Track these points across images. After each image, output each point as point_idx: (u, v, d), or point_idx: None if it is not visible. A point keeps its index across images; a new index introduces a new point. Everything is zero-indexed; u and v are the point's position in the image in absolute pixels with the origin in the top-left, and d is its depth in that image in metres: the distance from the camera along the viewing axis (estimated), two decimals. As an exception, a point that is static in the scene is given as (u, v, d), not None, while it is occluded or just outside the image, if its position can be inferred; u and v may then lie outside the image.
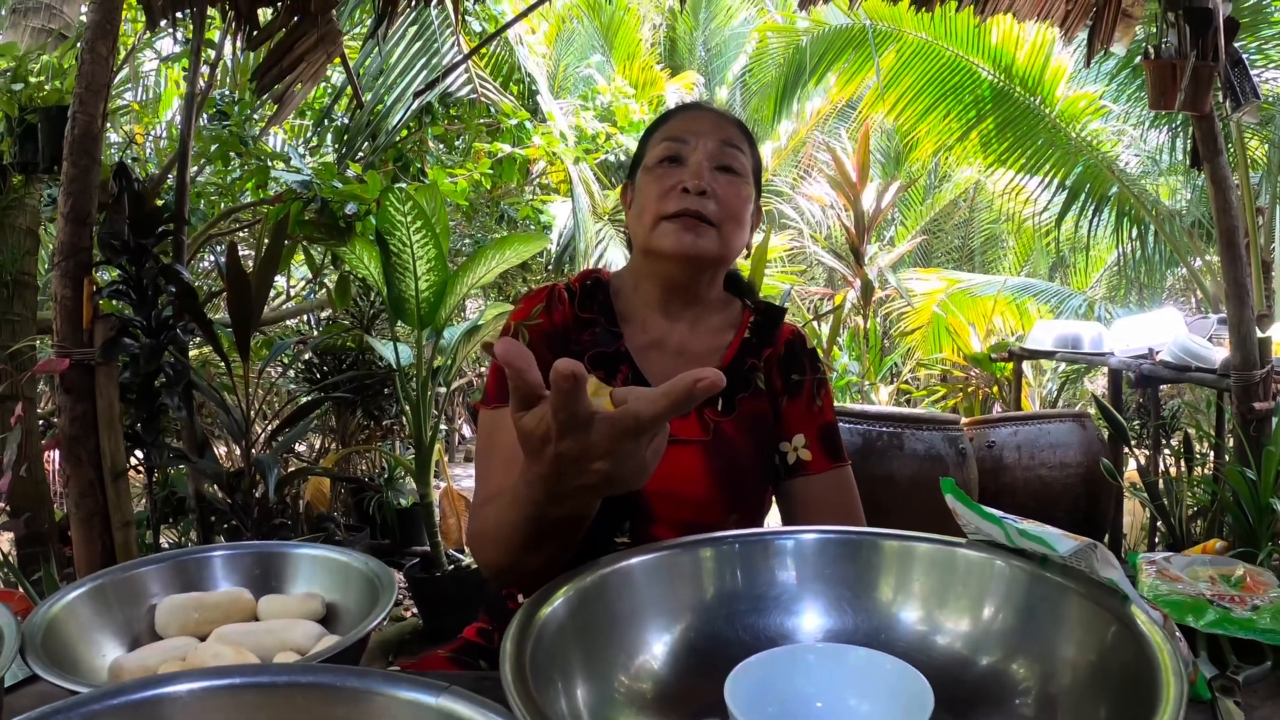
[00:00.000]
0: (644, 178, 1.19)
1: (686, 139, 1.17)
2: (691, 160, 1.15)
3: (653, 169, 1.18)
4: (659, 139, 1.20)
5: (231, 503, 2.61)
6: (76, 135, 2.14)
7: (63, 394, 2.18)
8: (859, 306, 6.10)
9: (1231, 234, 2.68)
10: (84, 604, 0.91)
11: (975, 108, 5.26)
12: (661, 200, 1.15)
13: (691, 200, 1.13)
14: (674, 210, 1.13)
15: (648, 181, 1.18)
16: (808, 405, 1.22)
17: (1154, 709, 0.57)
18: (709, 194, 1.13)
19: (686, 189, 1.13)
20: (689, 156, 1.16)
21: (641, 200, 1.19)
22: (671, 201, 1.14)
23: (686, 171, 1.15)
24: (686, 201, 1.13)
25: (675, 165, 1.16)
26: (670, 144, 1.18)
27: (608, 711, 0.71)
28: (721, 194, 1.15)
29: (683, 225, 1.13)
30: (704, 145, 1.16)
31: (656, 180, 1.16)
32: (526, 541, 0.84)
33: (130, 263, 2.37)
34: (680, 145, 1.17)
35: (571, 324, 1.21)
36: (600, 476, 0.71)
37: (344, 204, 3.01)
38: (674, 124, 1.21)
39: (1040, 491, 3.35)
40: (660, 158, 1.18)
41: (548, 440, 0.70)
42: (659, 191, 1.15)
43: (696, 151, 1.16)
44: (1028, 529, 0.79)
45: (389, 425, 4.44)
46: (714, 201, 1.14)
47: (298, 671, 0.64)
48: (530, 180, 4.52)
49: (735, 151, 1.18)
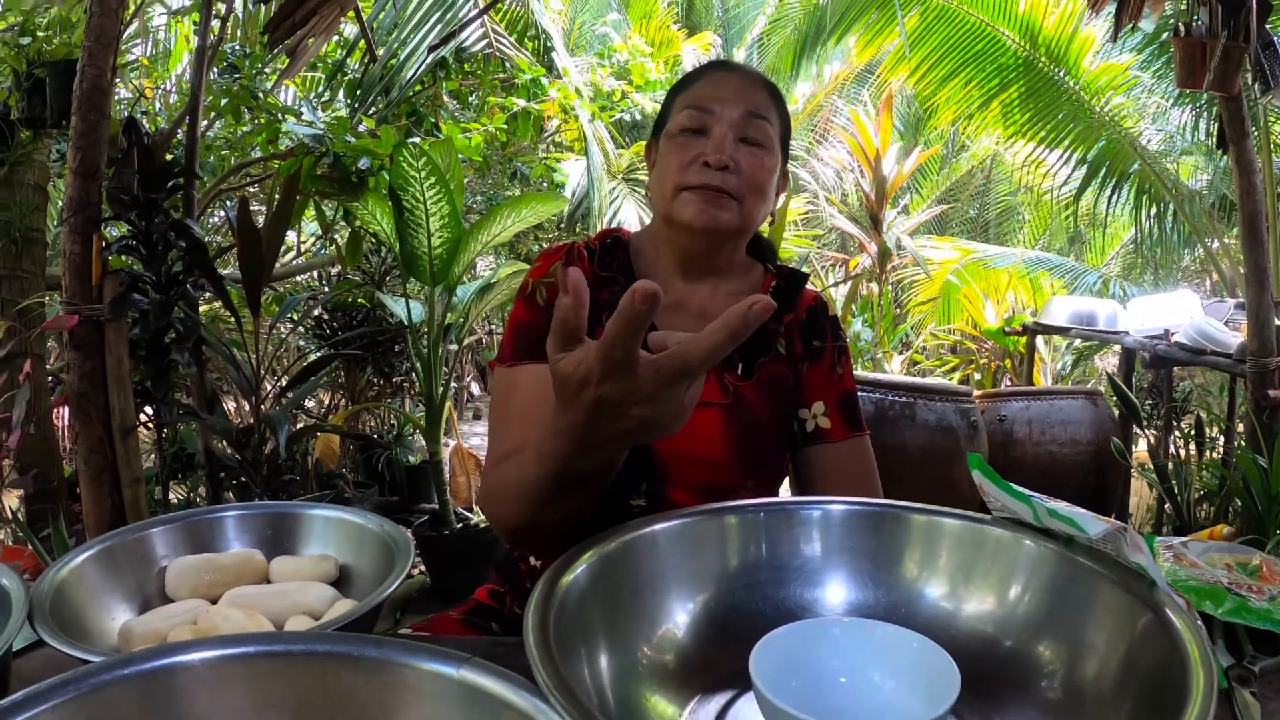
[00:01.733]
0: (666, 145, 1.17)
1: (711, 108, 1.14)
2: (715, 131, 1.12)
3: (675, 137, 1.15)
4: (682, 105, 1.16)
5: (241, 459, 2.62)
6: (85, 89, 2.11)
7: (72, 350, 2.17)
8: (873, 273, 6.05)
9: (1255, 218, 2.65)
10: (93, 566, 0.91)
11: (998, 76, 5.17)
12: (682, 172, 1.12)
13: (713, 175, 1.10)
14: (695, 184, 1.11)
15: (669, 149, 1.15)
16: (828, 373, 1.20)
17: (1184, 700, 0.56)
18: (731, 168, 1.11)
19: (708, 163, 1.10)
20: (712, 127, 1.13)
21: (663, 167, 1.16)
22: (693, 174, 1.11)
23: (709, 144, 1.12)
24: (707, 176, 1.10)
25: (698, 136, 1.13)
26: (694, 113, 1.14)
27: (631, 682, 0.71)
28: (745, 167, 1.12)
29: (703, 198, 1.11)
30: (728, 115, 1.13)
31: (678, 150, 1.13)
32: (548, 497, 0.81)
33: (140, 218, 2.35)
34: (704, 115, 1.14)
35: (590, 282, 1.19)
36: (638, 422, 0.68)
37: (357, 159, 2.98)
38: (699, 89, 1.17)
39: (1050, 467, 3.34)
40: (683, 126, 1.14)
41: (587, 384, 0.67)
42: (680, 162, 1.13)
43: (720, 122, 1.12)
44: (1057, 509, 0.78)
45: (399, 382, 4.44)
46: (736, 176, 1.11)
47: (314, 640, 0.62)
48: (544, 138, 4.47)
49: (761, 122, 1.14)
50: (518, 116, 3.73)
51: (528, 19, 4.53)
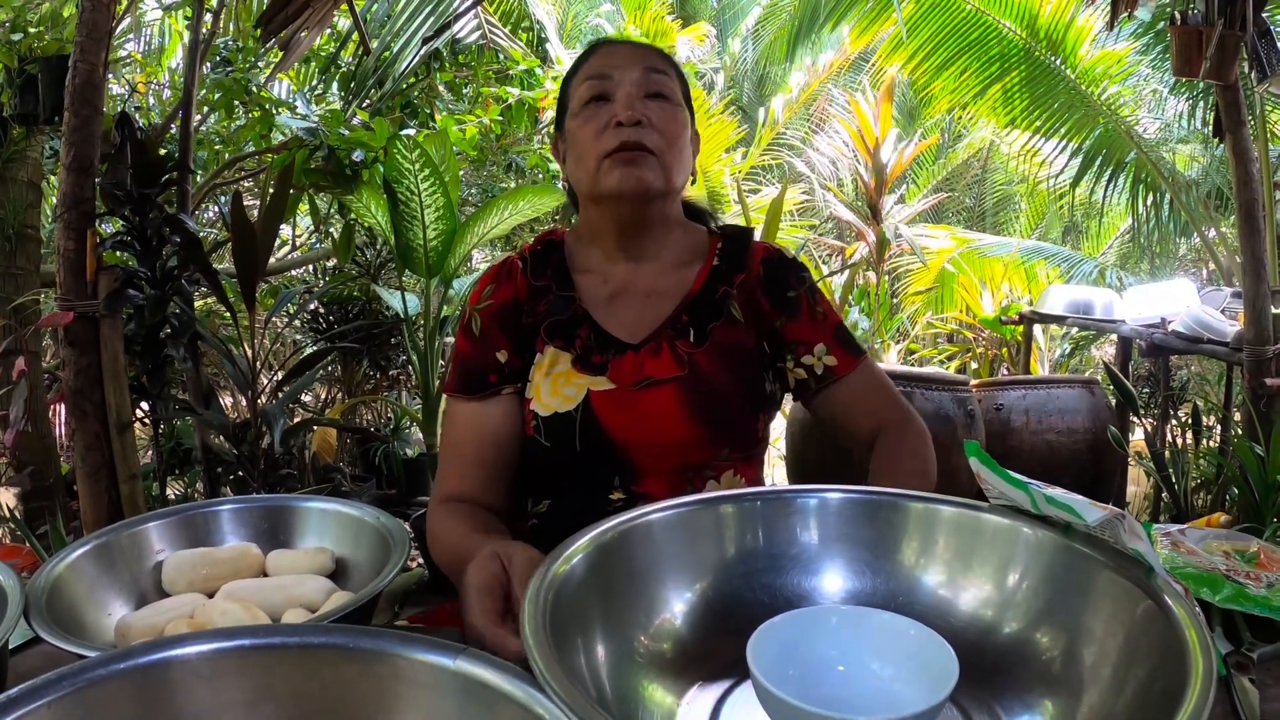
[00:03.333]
0: (573, 123, 1.14)
1: (609, 74, 1.12)
2: (619, 93, 1.11)
3: (580, 112, 1.13)
4: (580, 80, 1.15)
5: (238, 454, 2.61)
6: (78, 84, 2.10)
7: (67, 347, 2.16)
8: (870, 261, 6.05)
9: (1251, 207, 2.65)
10: (89, 562, 0.91)
11: (995, 64, 5.16)
12: (598, 139, 1.10)
13: (628, 132, 1.08)
14: (612, 146, 1.08)
15: (578, 125, 1.13)
16: (810, 316, 1.19)
17: (1183, 686, 0.56)
18: (645, 123, 1.09)
19: (620, 122, 1.08)
20: (615, 91, 1.11)
21: (577, 147, 1.13)
22: (608, 138, 1.09)
23: (617, 105, 1.10)
24: (623, 134, 1.08)
25: (603, 103, 1.11)
26: (593, 82, 1.13)
27: (628, 671, 0.71)
28: (657, 120, 1.10)
29: (623, 160, 1.08)
30: (629, 76, 1.11)
31: (587, 121, 1.12)
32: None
33: (134, 213, 2.34)
34: (604, 82, 1.12)
35: (525, 296, 1.18)
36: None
37: (351, 152, 2.96)
38: (593, 62, 1.16)
39: (1047, 456, 3.34)
40: (586, 98, 1.13)
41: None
42: (593, 131, 1.10)
43: (623, 84, 1.11)
44: (1055, 496, 0.78)
45: (395, 375, 4.43)
46: (651, 130, 1.09)
47: (309, 632, 0.62)
48: (539, 129, 4.46)
49: (661, 77, 1.13)
50: (512, 107, 3.72)
51: (521, 10, 4.52)
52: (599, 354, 1.12)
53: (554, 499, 1.15)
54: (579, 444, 1.10)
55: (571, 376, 1.12)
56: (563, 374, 1.12)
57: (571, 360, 1.12)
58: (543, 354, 1.14)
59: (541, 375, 1.13)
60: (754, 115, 8.66)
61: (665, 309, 1.16)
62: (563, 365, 1.13)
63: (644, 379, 1.11)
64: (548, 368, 1.13)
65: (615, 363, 1.12)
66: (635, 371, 1.11)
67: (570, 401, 1.11)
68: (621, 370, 1.11)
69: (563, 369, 1.13)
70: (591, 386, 1.11)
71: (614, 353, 1.12)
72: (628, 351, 1.12)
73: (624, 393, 1.10)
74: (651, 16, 7.01)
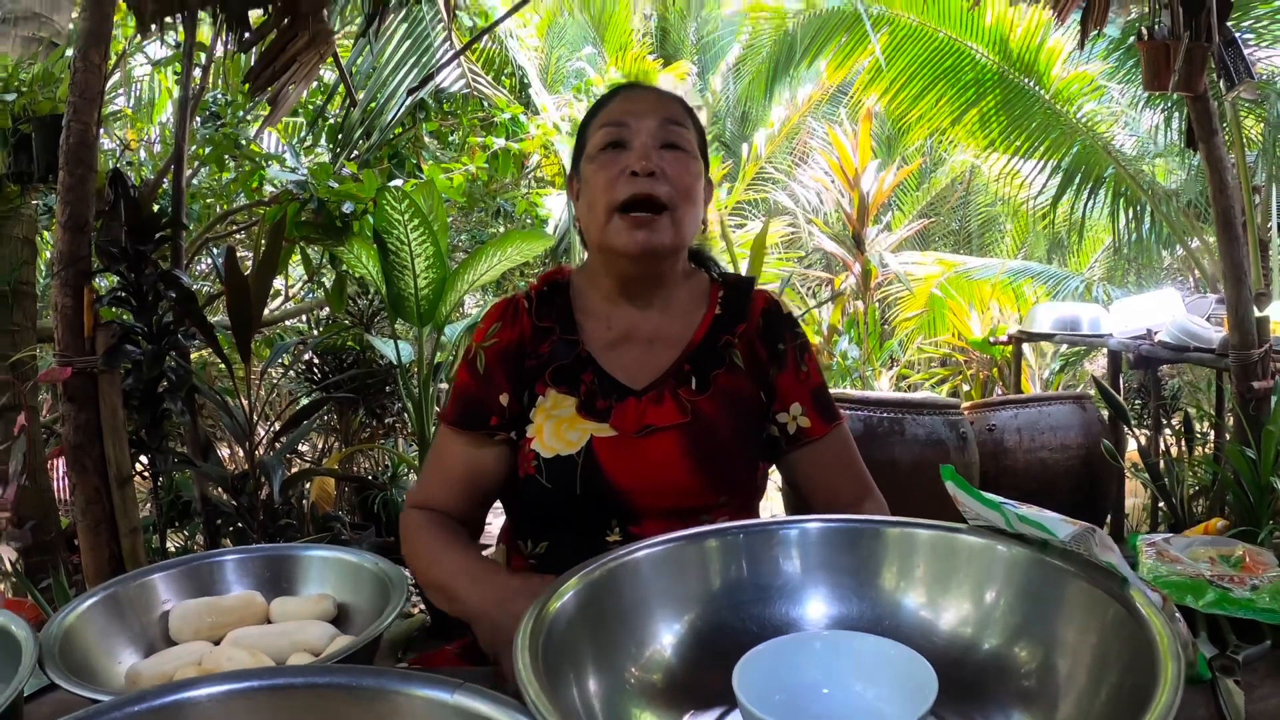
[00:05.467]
0: (588, 168, 1.15)
1: (627, 121, 1.13)
2: (635, 142, 1.12)
3: (596, 157, 1.14)
4: (598, 125, 1.16)
5: (237, 505, 2.62)
6: (72, 144, 2.14)
7: (66, 402, 2.18)
8: (858, 291, 6.10)
9: (1228, 214, 2.68)
10: (98, 612, 0.92)
11: (970, 90, 5.25)
12: (610, 189, 1.11)
13: (641, 183, 1.09)
14: (624, 197, 1.10)
15: (593, 170, 1.14)
16: (795, 373, 1.21)
17: (1152, 689, 0.58)
18: (658, 174, 1.10)
19: (635, 172, 1.09)
20: (632, 139, 1.12)
21: (590, 192, 1.15)
22: (621, 187, 1.10)
23: (632, 154, 1.11)
24: (636, 185, 1.09)
25: (619, 150, 1.12)
26: (611, 129, 1.14)
27: (620, 702, 0.73)
28: (671, 172, 1.11)
29: (634, 223, 1.10)
30: (646, 125, 1.13)
31: (602, 167, 1.12)
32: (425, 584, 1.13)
33: (129, 269, 2.37)
34: (621, 129, 1.13)
35: (529, 337, 1.19)
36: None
37: (340, 204, 3.01)
38: (612, 108, 1.17)
39: (1041, 474, 3.36)
40: (602, 144, 1.14)
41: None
42: (606, 179, 1.11)
43: (639, 133, 1.12)
44: (1027, 514, 0.80)
45: (391, 423, 4.44)
46: (664, 182, 1.10)
47: (314, 673, 0.65)
48: (526, 174, 4.52)
49: (679, 129, 1.15)
50: (498, 155, 3.78)
51: (504, 57, 4.60)
52: (603, 399, 1.14)
53: (551, 540, 1.17)
54: (579, 487, 1.11)
55: (575, 421, 1.13)
56: (566, 418, 1.14)
57: (576, 405, 1.14)
58: (544, 396, 1.16)
59: (543, 417, 1.15)
60: (737, 150, 8.77)
61: (668, 356, 1.17)
62: (566, 409, 1.14)
63: (646, 426, 1.12)
64: (550, 409, 1.15)
65: (618, 409, 1.13)
66: (638, 419, 1.13)
67: (573, 446, 1.12)
68: (625, 417, 1.13)
69: (566, 413, 1.14)
70: (595, 432, 1.12)
71: (617, 398, 1.14)
72: (629, 398, 1.14)
73: (626, 439, 1.12)
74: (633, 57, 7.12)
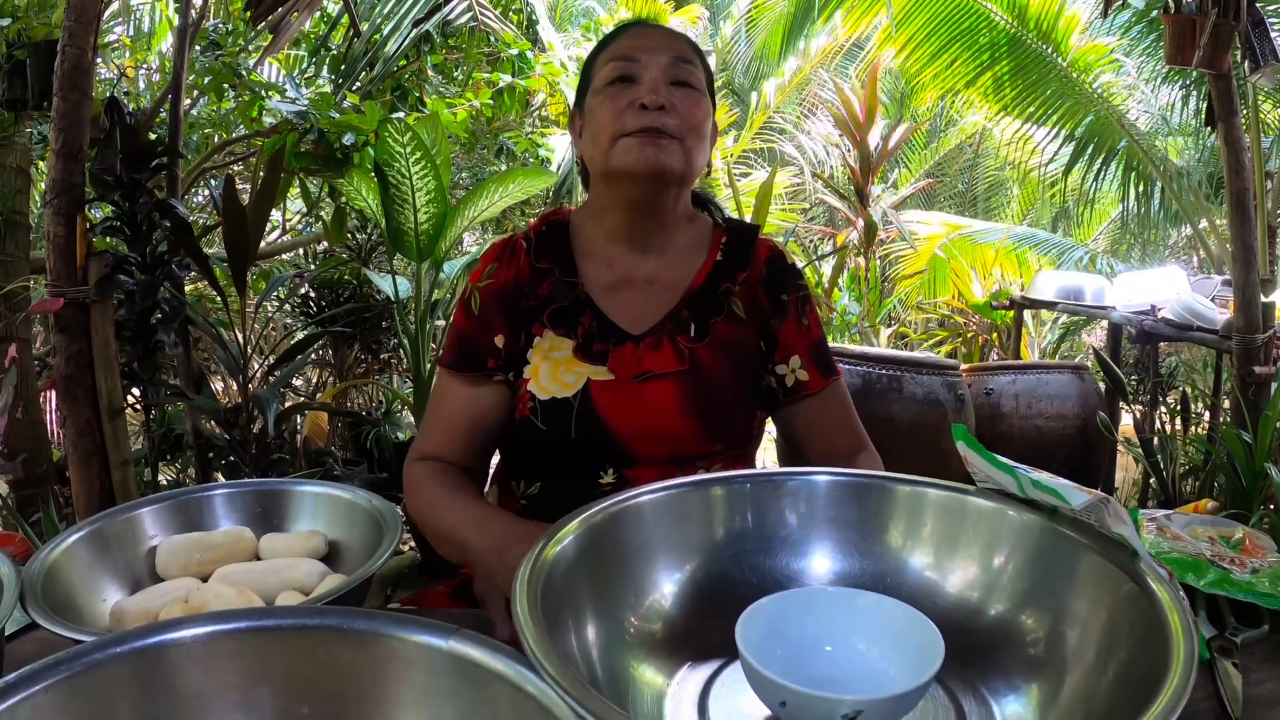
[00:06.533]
0: (595, 101, 1.13)
1: (636, 56, 1.11)
2: (645, 77, 1.10)
3: (604, 90, 1.12)
4: (606, 59, 1.14)
5: (229, 439, 2.61)
6: (66, 69, 2.08)
7: (58, 333, 2.15)
8: (860, 247, 6.05)
9: (1242, 196, 2.65)
10: (83, 548, 0.91)
11: (986, 52, 5.15)
12: (618, 119, 1.09)
13: (651, 116, 1.07)
14: (633, 128, 1.08)
15: (600, 103, 1.12)
16: (796, 324, 1.19)
17: (1165, 669, 0.57)
18: (668, 109, 1.08)
19: (645, 105, 1.08)
20: (642, 74, 1.10)
21: (595, 123, 1.12)
22: (630, 119, 1.08)
23: (642, 88, 1.09)
24: (645, 118, 1.08)
25: (628, 84, 1.11)
26: (620, 63, 1.12)
27: (619, 651, 0.72)
28: (681, 108, 1.09)
29: (643, 140, 1.08)
30: (656, 61, 1.11)
31: (610, 100, 1.10)
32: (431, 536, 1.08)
33: (124, 198, 2.33)
34: (630, 64, 1.11)
35: (527, 277, 1.17)
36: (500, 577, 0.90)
37: (341, 135, 2.95)
38: (622, 42, 1.15)
39: (1036, 441, 3.36)
40: (611, 78, 1.12)
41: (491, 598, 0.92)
42: (614, 110, 1.09)
43: (650, 68, 1.10)
44: (1041, 480, 0.78)
45: (386, 359, 4.42)
46: (674, 116, 1.09)
47: (304, 615, 0.63)
48: (530, 113, 4.44)
49: (689, 66, 1.13)
50: (503, 92, 3.71)
51: (513, -8, 4.48)
52: (600, 342, 1.12)
53: (544, 482, 1.16)
54: (574, 431, 1.10)
55: (572, 364, 1.12)
56: (563, 360, 1.12)
57: (573, 348, 1.12)
58: (541, 337, 1.14)
59: (540, 358, 1.13)
60: (746, 99, 8.63)
61: (667, 301, 1.16)
62: (563, 351, 1.13)
63: (644, 372, 1.11)
64: (547, 351, 1.13)
65: (616, 353, 1.12)
66: (635, 364, 1.12)
67: (569, 388, 1.11)
68: (622, 361, 1.12)
69: (563, 355, 1.13)
70: (591, 375, 1.11)
71: (615, 342, 1.12)
72: (628, 343, 1.13)
73: (623, 384, 1.11)
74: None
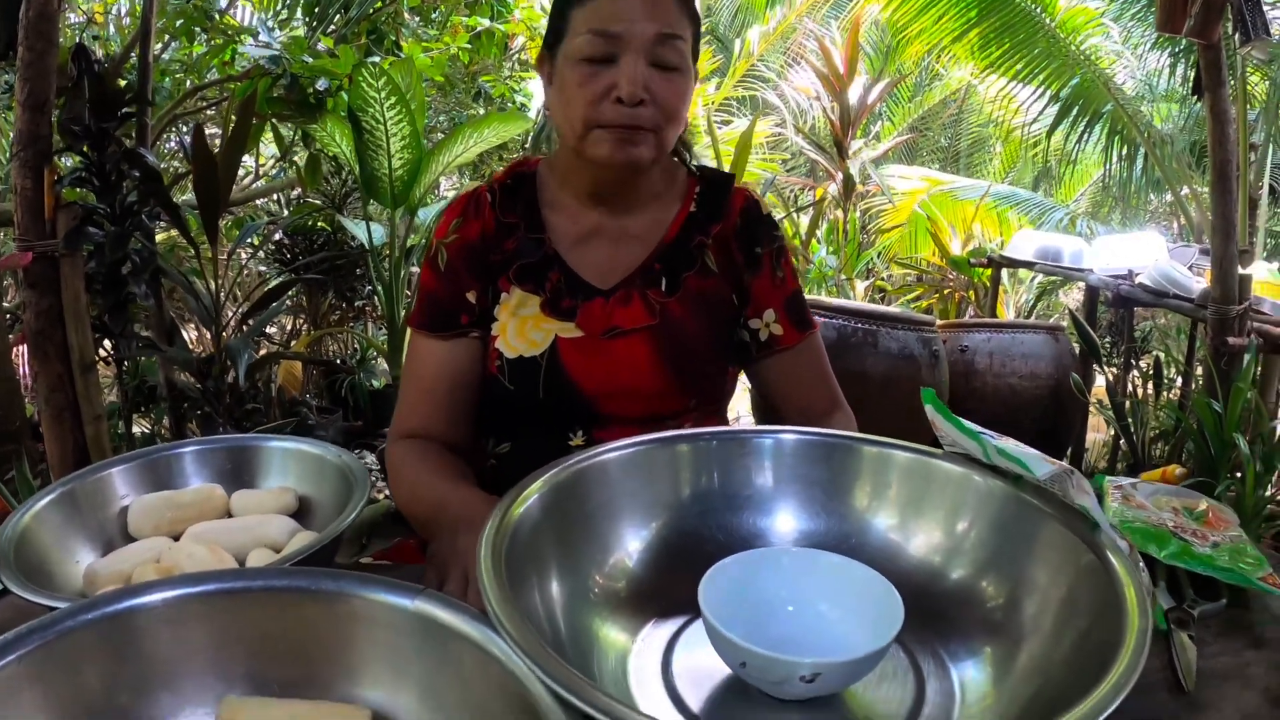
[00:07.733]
0: (568, 71, 1.03)
1: (618, 32, 1.00)
2: (625, 61, 1.00)
3: (579, 65, 1.02)
4: (584, 26, 1.01)
5: (203, 389, 2.59)
6: (32, 17, 2.02)
7: (27, 288, 2.12)
8: (839, 200, 6.03)
9: (1225, 167, 2.64)
10: (54, 511, 0.91)
11: (974, 8, 5.09)
12: (593, 107, 1.01)
13: (627, 114, 1.00)
14: (608, 121, 1.01)
15: (574, 79, 1.02)
16: (771, 278, 1.17)
17: (1119, 640, 0.58)
18: (646, 101, 1.00)
19: (621, 99, 1.00)
20: (621, 55, 1.00)
21: (566, 97, 1.04)
22: (606, 110, 1.01)
23: (620, 76, 1.00)
24: (621, 115, 1.00)
25: (606, 65, 1.01)
26: (599, 40, 1.00)
27: (583, 610, 0.72)
28: (660, 96, 1.01)
29: (617, 136, 1.02)
30: (637, 39, 1.00)
31: (585, 81, 1.01)
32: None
33: (92, 148, 2.28)
34: (610, 42, 1.00)
35: (492, 232, 1.13)
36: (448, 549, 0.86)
37: (315, 80, 2.88)
38: (602, 6, 1.02)
39: (1009, 399, 3.39)
40: (586, 54, 1.01)
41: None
42: (590, 96, 1.01)
43: (629, 49, 1.00)
44: (1006, 448, 0.79)
45: (361, 306, 4.38)
46: (651, 107, 1.01)
47: (272, 576, 0.63)
48: (508, 56, 4.36)
49: (674, 42, 1.02)
50: (481, 36, 3.63)
51: (493, -65, 4.37)
52: (569, 298, 1.10)
53: (514, 441, 1.15)
54: (542, 390, 1.09)
55: (540, 320, 1.10)
56: (530, 317, 1.10)
57: (540, 304, 1.10)
58: (509, 293, 1.12)
59: (508, 314, 1.11)
60: (729, 45, 8.51)
61: (638, 254, 1.13)
62: (530, 308, 1.11)
63: (613, 328, 1.10)
64: (514, 308, 1.11)
65: (584, 308, 1.10)
66: (605, 319, 1.10)
67: (537, 346, 1.09)
68: (591, 317, 1.10)
69: (530, 311, 1.11)
70: (560, 333, 1.09)
71: (583, 298, 1.10)
72: (597, 298, 1.11)
73: (592, 341, 1.09)
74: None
